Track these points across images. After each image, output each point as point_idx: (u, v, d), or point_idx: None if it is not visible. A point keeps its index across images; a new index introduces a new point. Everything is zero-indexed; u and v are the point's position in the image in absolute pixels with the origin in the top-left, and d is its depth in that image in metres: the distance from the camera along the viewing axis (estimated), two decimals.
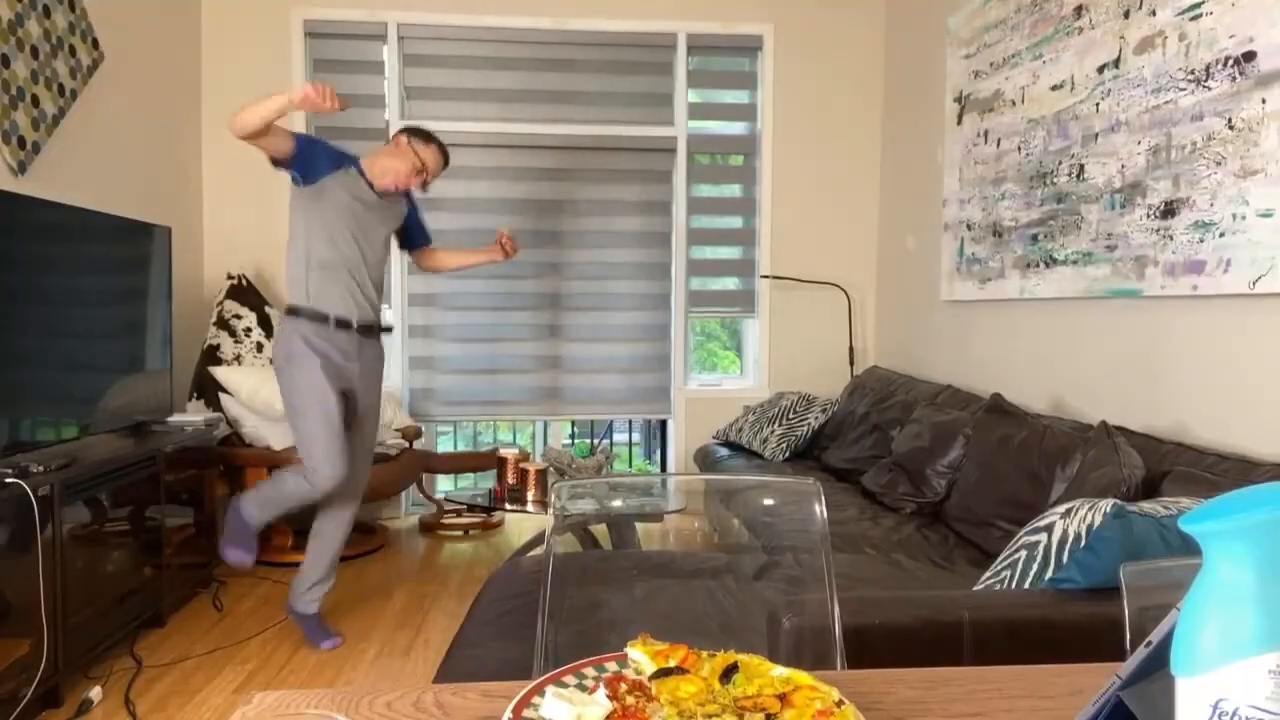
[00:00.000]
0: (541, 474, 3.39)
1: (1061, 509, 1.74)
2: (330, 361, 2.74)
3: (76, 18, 3.18)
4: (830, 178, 4.67)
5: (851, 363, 4.67)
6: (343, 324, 2.75)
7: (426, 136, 2.86)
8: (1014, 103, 3.26)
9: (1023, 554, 1.74)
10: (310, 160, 2.65)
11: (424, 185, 2.87)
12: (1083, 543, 1.61)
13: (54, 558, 2.37)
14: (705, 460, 4.18)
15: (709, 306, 4.78)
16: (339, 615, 3.19)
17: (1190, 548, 0.55)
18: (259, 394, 3.59)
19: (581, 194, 4.53)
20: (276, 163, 2.62)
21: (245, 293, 4.00)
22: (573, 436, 5.97)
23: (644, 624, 0.84)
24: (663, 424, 4.91)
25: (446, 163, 2.92)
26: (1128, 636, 0.77)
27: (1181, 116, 2.38)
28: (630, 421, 5.79)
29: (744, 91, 4.72)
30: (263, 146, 2.53)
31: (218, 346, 3.85)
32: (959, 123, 3.70)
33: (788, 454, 3.96)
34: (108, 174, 3.42)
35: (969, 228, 3.61)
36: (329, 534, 2.93)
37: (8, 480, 2.22)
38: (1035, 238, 3.12)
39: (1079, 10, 2.86)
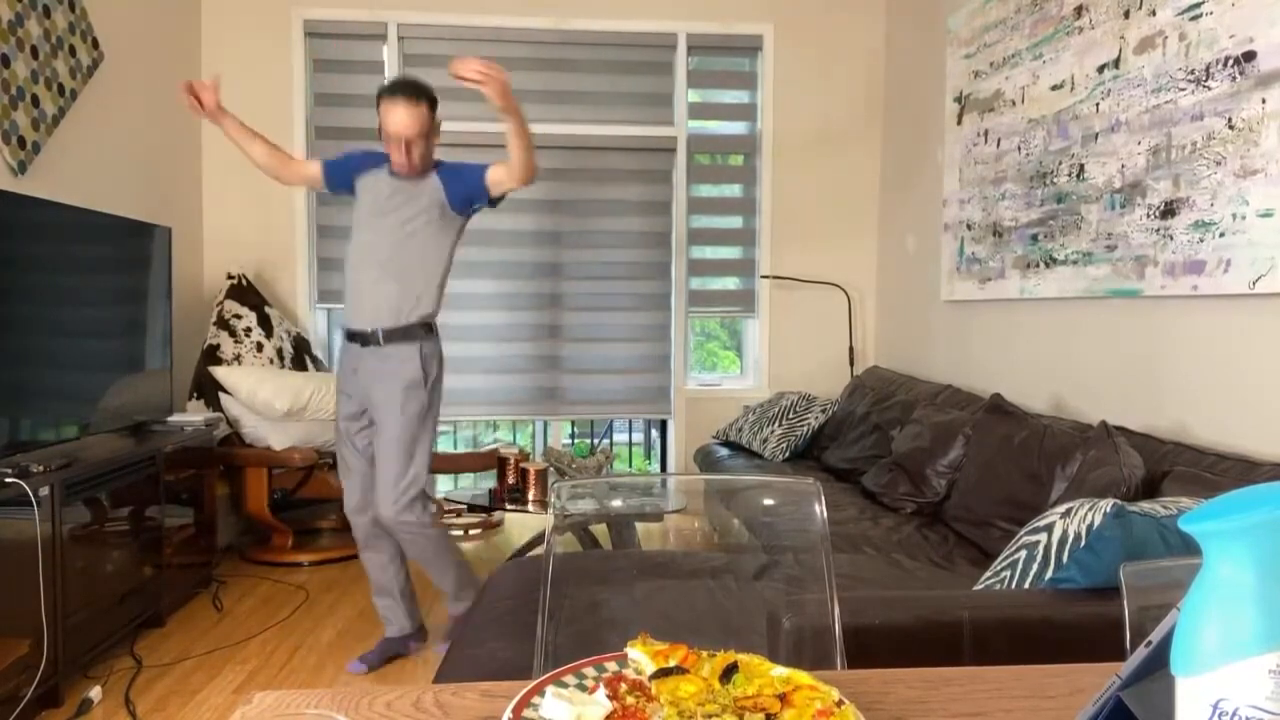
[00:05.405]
0: (541, 474, 3.39)
1: (1061, 509, 1.74)
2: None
3: (76, 18, 3.18)
4: (830, 177, 4.67)
5: (851, 363, 4.67)
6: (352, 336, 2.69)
7: (382, 92, 2.55)
8: (1014, 103, 3.26)
9: (1023, 554, 1.74)
10: (336, 178, 2.80)
11: (407, 150, 2.53)
12: (1083, 543, 1.61)
13: (54, 558, 2.37)
14: (705, 460, 4.18)
15: (709, 306, 4.78)
16: (339, 614, 3.19)
17: (1190, 548, 0.55)
18: (259, 394, 3.58)
19: (581, 194, 4.53)
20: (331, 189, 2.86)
21: (245, 293, 4.00)
22: (573, 436, 5.96)
23: (644, 624, 0.84)
24: (663, 424, 4.91)
25: (410, 97, 2.50)
26: (1128, 636, 0.77)
27: (1181, 116, 2.38)
28: (630, 421, 5.78)
29: (744, 91, 4.72)
30: (292, 183, 2.84)
31: (218, 346, 3.85)
32: (959, 123, 3.70)
33: (788, 454, 3.96)
34: (108, 174, 3.42)
35: (969, 228, 3.61)
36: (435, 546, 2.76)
37: (8, 480, 2.22)
38: (1035, 238, 3.12)
39: (1079, 10, 2.86)
